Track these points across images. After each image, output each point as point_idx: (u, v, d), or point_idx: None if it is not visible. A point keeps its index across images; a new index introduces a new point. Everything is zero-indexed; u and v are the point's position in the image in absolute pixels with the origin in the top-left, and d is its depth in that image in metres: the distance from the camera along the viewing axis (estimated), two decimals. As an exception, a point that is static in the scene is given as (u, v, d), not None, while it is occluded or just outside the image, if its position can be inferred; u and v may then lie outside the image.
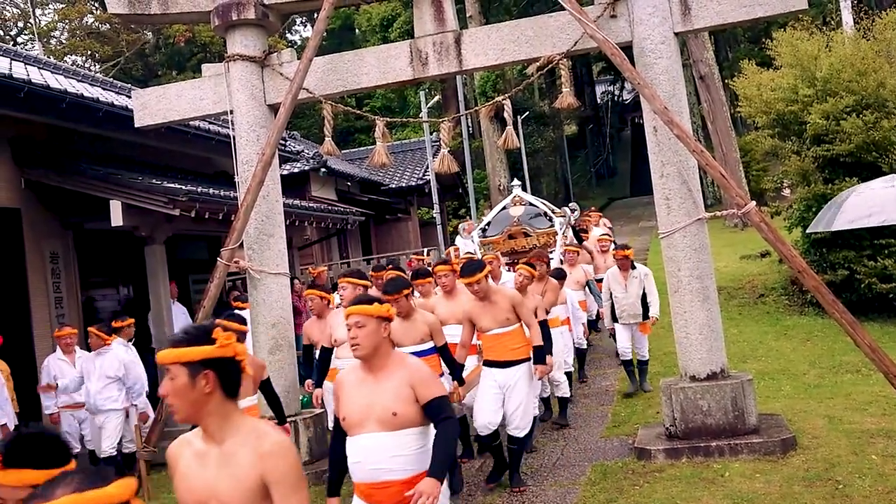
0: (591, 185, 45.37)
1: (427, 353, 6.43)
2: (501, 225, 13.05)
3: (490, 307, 6.72)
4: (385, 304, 3.85)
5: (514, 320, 6.70)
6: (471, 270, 6.64)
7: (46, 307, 10.35)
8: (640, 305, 10.03)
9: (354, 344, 3.68)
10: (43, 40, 31.65)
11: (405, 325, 6.47)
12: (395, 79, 8.44)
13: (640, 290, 10.03)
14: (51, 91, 9.88)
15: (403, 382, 3.65)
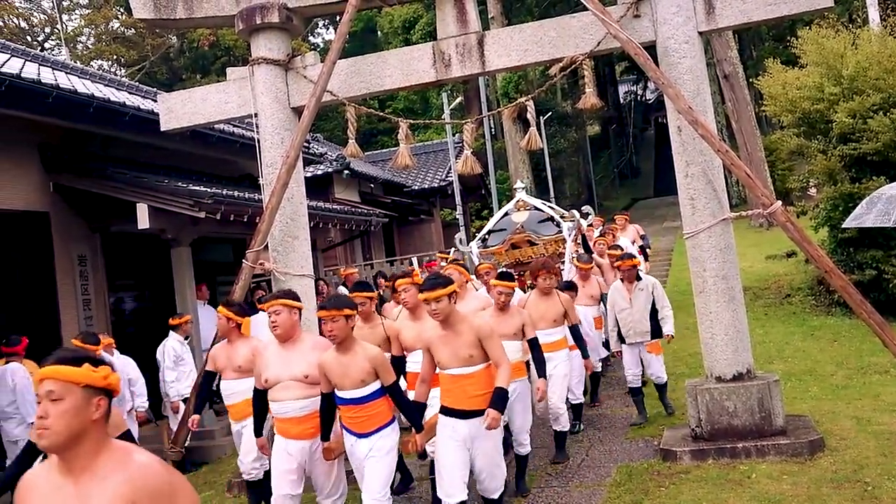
0: (615, 186, 45.18)
1: (372, 397, 5.32)
2: (503, 233, 11.50)
3: (451, 338, 5.36)
4: (101, 367, 2.53)
5: (478, 359, 5.30)
6: (430, 285, 5.30)
7: (75, 309, 10.47)
8: (647, 322, 8.82)
9: (40, 428, 2.38)
10: (70, 45, 32.03)
11: (343, 363, 5.29)
12: (417, 80, 8.45)
13: (648, 305, 8.84)
14: (78, 96, 9.99)
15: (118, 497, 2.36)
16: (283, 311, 5.57)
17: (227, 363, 6.77)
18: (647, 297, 8.87)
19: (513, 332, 6.54)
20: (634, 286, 8.93)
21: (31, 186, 10.05)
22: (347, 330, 5.29)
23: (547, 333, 7.46)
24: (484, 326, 5.38)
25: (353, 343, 5.33)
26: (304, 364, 5.51)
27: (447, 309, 5.30)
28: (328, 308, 5.28)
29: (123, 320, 11.50)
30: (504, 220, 11.76)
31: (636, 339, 8.88)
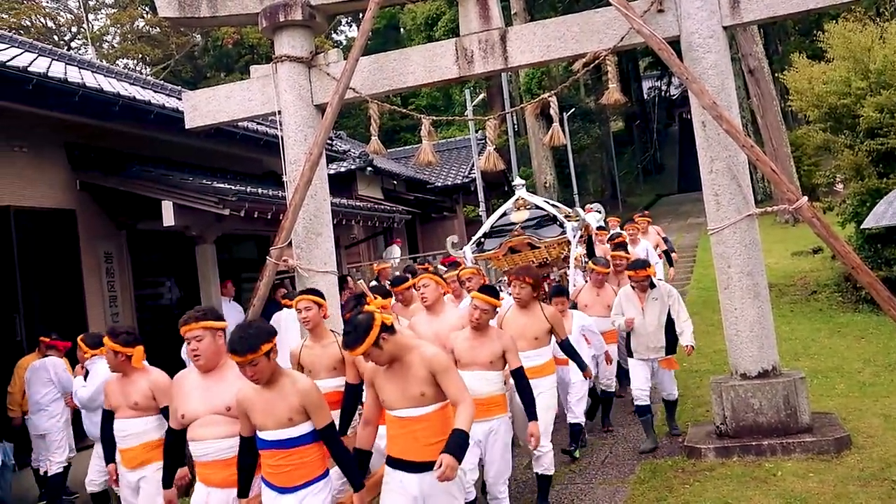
0: (638, 182, 44.94)
1: (300, 441, 4.29)
2: (502, 235, 10.25)
3: (398, 372, 4.35)
4: None
5: (431, 397, 4.29)
6: (352, 341, 4.24)
7: (101, 306, 10.57)
8: (662, 336, 7.74)
9: None
10: (95, 44, 32.35)
11: (267, 398, 4.29)
12: (440, 77, 8.46)
13: (663, 317, 7.76)
14: (104, 94, 10.08)
15: None
16: (206, 336, 4.67)
17: (121, 400, 5.61)
18: (661, 307, 7.75)
19: (489, 359, 5.58)
20: (647, 295, 7.82)
21: (58, 184, 10.16)
22: (269, 366, 4.24)
23: (527, 356, 6.19)
24: (438, 358, 4.30)
25: (278, 375, 4.31)
26: (229, 394, 4.57)
27: (381, 357, 4.24)
28: (238, 353, 4.16)
29: (149, 317, 11.59)
30: (502, 221, 10.50)
31: (648, 354, 7.81)
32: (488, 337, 5.67)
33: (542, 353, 6.47)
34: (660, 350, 7.76)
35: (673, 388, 8.19)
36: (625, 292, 8.03)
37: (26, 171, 9.70)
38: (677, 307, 7.82)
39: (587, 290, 9.02)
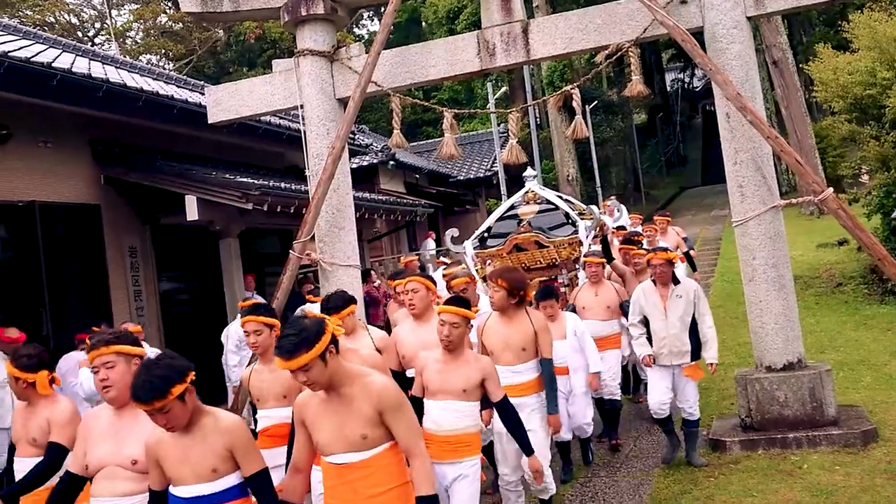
0: (662, 174, 44.67)
1: (225, 497, 3.48)
2: (507, 231, 9.21)
3: (336, 408, 3.52)
4: None
5: (375, 439, 3.50)
6: (287, 350, 3.41)
7: (126, 300, 10.68)
8: (687, 339, 6.76)
9: None
10: (119, 40, 32.58)
11: (185, 445, 3.44)
12: (462, 70, 8.44)
13: (688, 317, 6.80)
14: (128, 89, 10.16)
15: None
16: (119, 363, 3.83)
17: (21, 433, 4.71)
18: (685, 306, 6.82)
19: (463, 386, 4.67)
20: (671, 291, 6.85)
21: (82, 180, 10.27)
22: (182, 412, 3.37)
23: (515, 371, 5.43)
24: (388, 392, 3.50)
25: (200, 414, 3.47)
26: (137, 443, 3.68)
27: (322, 376, 3.42)
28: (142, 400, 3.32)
29: (173, 311, 11.69)
30: (509, 216, 9.50)
31: (671, 360, 6.82)
32: (463, 360, 4.74)
33: (532, 366, 5.49)
34: (684, 355, 6.76)
35: (695, 403, 6.88)
36: (644, 289, 7.03)
37: (52, 167, 9.81)
38: (703, 308, 6.88)
39: (585, 289, 8.08)
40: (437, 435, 4.62)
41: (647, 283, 7.08)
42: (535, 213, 9.24)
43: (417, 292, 5.77)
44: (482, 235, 9.41)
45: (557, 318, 6.94)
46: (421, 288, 5.78)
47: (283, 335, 3.42)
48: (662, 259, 6.90)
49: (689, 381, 6.85)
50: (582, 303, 7.99)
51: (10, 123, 9.20)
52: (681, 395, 6.88)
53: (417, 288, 5.79)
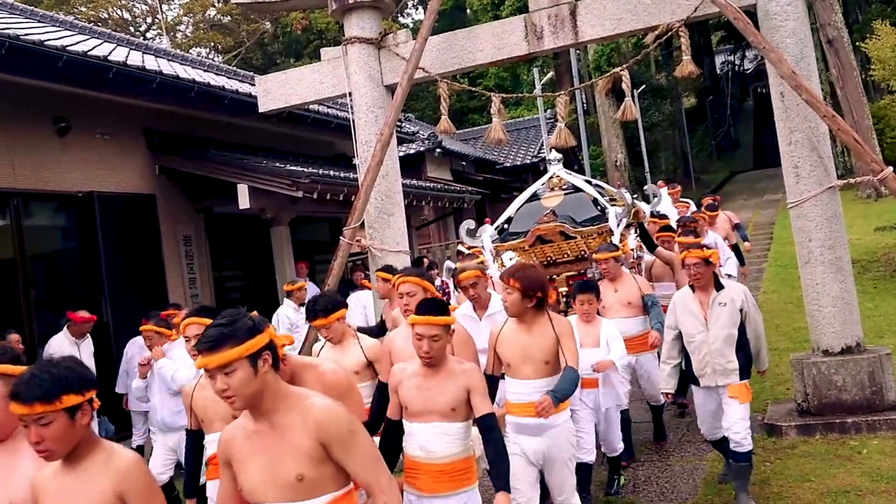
0: (712, 159, 44.05)
1: None
2: (529, 221, 8.02)
3: (268, 439, 2.77)
4: None
5: (319, 484, 2.73)
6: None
7: (181, 287, 10.88)
8: (732, 354, 5.59)
9: None
10: (170, 34, 33.11)
11: (67, 488, 2.66)
12: (509, 54, 8.40)
13: (734, 328, 5.61)
14: (180, 81, 10.34)
15: None
16: None
17: None
18: (731, 315, 5.63)
19: (451, 405, 3.95)
20: (712, 298, 5.68)
21: (138, 170, 10.48)
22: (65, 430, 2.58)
23: (536, 387, 4.58)
24: (332, 418, 2.73)
25: (91, 447, 2.69)
26: (13, 485, 2.91)
27: (247, 388, 2.67)
28: None
29: (226, 298, 11.88)
30: (531, 204, 8.34)
31: (714, 380, 5.64)
32: (447, 372, 3.99)
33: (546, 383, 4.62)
34: (730, 374, 5.59)
35: (745, 430, 5.54)
36: (682, 297, 5.91)
37: (109, 158, 10.03)
38: (753, 315, 5.78)
39: (601, 287, 6.79)
40: (427, 463, 3.97)
41: (686, 291, 5.90)
42: (560, 200, 8.02)
43: (414, 296, 4.83)
44: (502, 227, 8.31)
45: (593, 320, 6.14)
46: (417, 290, 4.88)
47: (210, 325, 2.74)
48: (698, 258, 5.66)
49: (735, 401, 5.57)
50: (601, 302, 6.72)
51: (69, 116, 9.42)
52: (727, 420, 5.62)
53: (413, 290, 4.89)
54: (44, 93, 9.00)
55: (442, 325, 3.93)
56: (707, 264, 5.69)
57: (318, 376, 3.70)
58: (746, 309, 5.69)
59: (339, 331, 4.93)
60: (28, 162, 9.01)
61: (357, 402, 3.87)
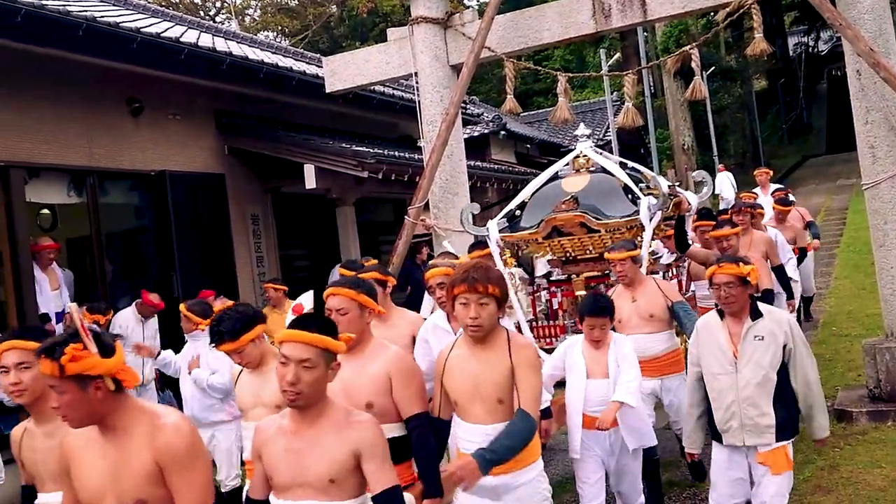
0: (783, 143, 42.98)
1: None
2: (545, 208, 6.61)
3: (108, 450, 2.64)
4: None
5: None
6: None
7: (249, 266, 11.11)
8: (769, 406, 4.27)
9: None
10: (238, 17, 33.63)
11: None
12: (576, 33, 8.32)
13: (773, 370, 4.29)
14: (249, 62, 10.52)
15: None
16: None
17: None
18: (771, 352, 4.29)
19: (327, 475, 2.83)
20: (746, 329, 4.33)
21: (208, 150, 10.71)
22: None
23: (487, 433, 3.53)
24: (173, 444, 2.56)
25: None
26: None
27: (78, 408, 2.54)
28: None
29: (292, 277, 12.07)
30: (551, 186, 6.90)
31: (742, 438, 4.33)
32: (330, 425, 2.86)
33: None
34: (763, 432, 4.25)
35: None
36: (706, 324, 4.56)
37: (180, 138, 10.27)
38: (802, 355, 4.34)
39: (617, 295, 5.71)
40: None
41: (712, 317, 4.55)
42: (585, 184, 6.58)
43: (346, 313, 3.69)
44: (513, 213, 6.95)
45: (604, 345, 4.80)
46: (350, 307, 3.70)
47: None
48: (730, 276, 4.30)
49: (767, 471, 4.28)
50: (616, 315, 5.24)
51: (142, 97, 9.66)
52: (757, 498, 4.34)
53: (344, 307, 3.70)
54: (118, 74, 9.25)
55: (318, 348, 2.78)
56: (743, 284, 4.29)
57: None
58: (791, 346, 4.30)
59: (256, 354, 4.00)
60: (103, 141, 9.28)
61: None
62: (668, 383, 5.73)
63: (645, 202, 6.19)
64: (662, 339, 5.75)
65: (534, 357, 3.59)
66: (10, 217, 8.14)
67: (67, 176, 9.10)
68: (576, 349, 4.87)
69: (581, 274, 6.52)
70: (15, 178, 8.22)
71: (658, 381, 5.69)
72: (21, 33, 7.66)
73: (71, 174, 9.10)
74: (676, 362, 5.76)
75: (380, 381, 3.57)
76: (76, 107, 8.95)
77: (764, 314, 4.38)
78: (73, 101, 8.91)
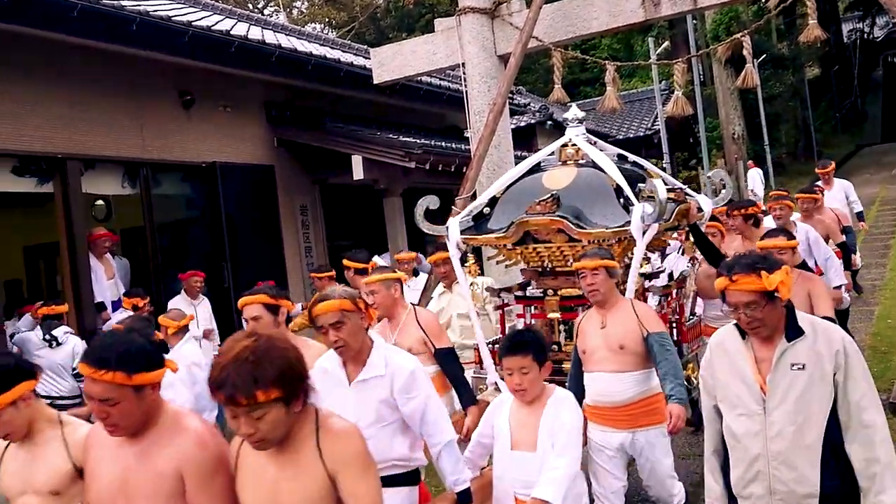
0: (837, 132, 42.08)
1: None
2: (519, 207, 5.28)
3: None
4: None
5: None
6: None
7: (298, 256, 11.23)
8: (811, 466, 2.97)
9: None
10: (286, 10, 33.91)
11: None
12: (625, 22, 8.26)
13: (820, 413, 2.96)
14: (298, 54, 10.62)
15: None
16: None
17: None
18: (816, 388, 3.00)
19: None
20: (779, 353, 3.06)
21: (258, 141, 10.85)
22: None
23: None
24: None
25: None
26: None
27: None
28: None
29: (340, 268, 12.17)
30: (529, 181, 5.53)
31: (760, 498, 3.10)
32: None
33: None
34: (803, 502, 3.01)
35: None
36: (720, 342, 3.29)
37: (231, 130, 10.42)
38: (860, 390, 2.99)
39: (586, 319, 4.61)
40: None
41: (727, 332, 3.26)
42: (570, 180, 5.28)
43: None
44: (481, 210, 5.64)
45: (538, 403, 3.63)
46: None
47: None
48: (751, 292, 3.00)
49: None
50: (581, 344, 4.52)
51: (193, 90, 9.82)
52: None
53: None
54: (170, 67, 9.41)
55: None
56: (770, 300, 2.98)
57: None
58: (842, 377, 2.96)
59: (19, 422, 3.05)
60: (156, 133, 9.45)
61: None
62: (641, 439, 4.38)
63: (637, 210, 4.80)
64: (635, 381, 4.37)
65: (359, 450, 2.52)
66: (67, 208, 8.36)
67: (121, 167, 9.29)
68: (504, 408, 3.74)
69: (559, 290, 5.32)
70: (72, 170, 8.43)
71: (628, 435, 4.37)
72: (77, 28, 7.84)
73: (125, 166, 9.29)
74: (653, 412, 4.38)
75: None
76: (129, 100, 9.13)
77: (807, 331, 3.04)
78: (127, 94, 9.10)
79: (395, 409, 3.56)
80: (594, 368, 4.43)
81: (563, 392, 3.73)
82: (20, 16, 7.37)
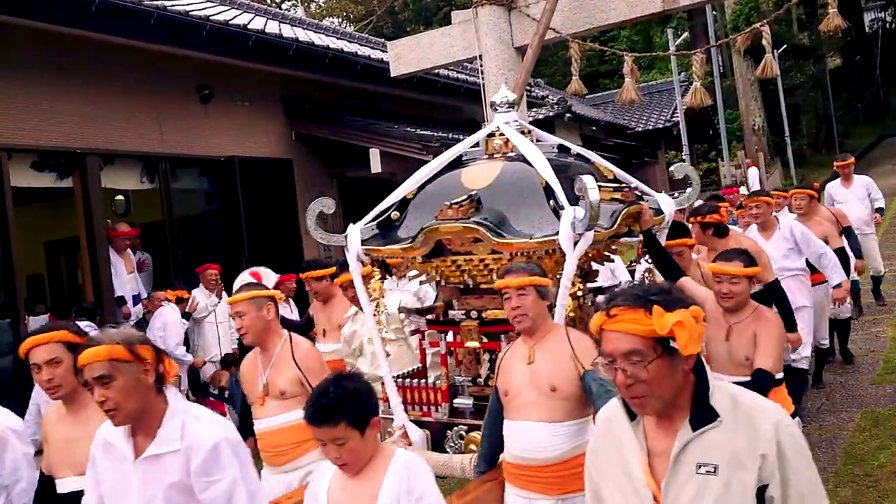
0: (858, 123, 41.69)
1: None
2: (432, 212, 4.23)
3: None
4: None
5: None
6: None
7: (316, 251, 11.23)
8: None
9: None
10: (304, 4, 33.97)
11: None
12: (643, 12, 8.17)
13: None
14: (315, 48, 10.65)
15: None
16: None
17: None
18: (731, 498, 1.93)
19: None
20: (679, 445, 2.01)
21: (276, 135, 10.89)
22: None
23: None
24: None
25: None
26: None
27: None
28: None
29: (359, 261, 12.20)
30: (448, 178, 4.58)
31: None
32: None
33: None
34: None
35: None
36: (607, 420, 2.25)
37: (248, 124, 10.46)
38: (804, 493, 1.93)
39: (509, 355, 3.74)
40: None
41: (613, 408, 2.25)
42: (494, 178, 4.35)
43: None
44: (389, 215, 4.68)
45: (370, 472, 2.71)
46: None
47: None
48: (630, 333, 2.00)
49: None
50: (503, 384, 3.65)
51: (211, 84, 9.86)
52: None
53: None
54: (188, 61, 9.44)
55: None
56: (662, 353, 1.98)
57: None
58: (779, 491, 1.93)
59: None
60: (174, 128, 9.50)
61: None
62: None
63: (567, 216, 3.85)
64: (569, 433, 3.46)
65: None
66: (87, 203, 8.42)
67: (140, 162, 9.35)
68: (326, 476, 2.84)
69: (485, 312, 4.36)
70: (91, 165, 8.49)
71: (557, 503, 3.47)
72: (95, 23, 7.88)
73: (144, 160, 9.34)
74: None
75: None
76: (148, 94, 9.18)
77: (723, 413, 2.01)
78: (145, 88, 9.15)
79: (191, 495, 2.70)
80: (518, 416, 3.52)
81: (406, 455, 2.79)
82: (38, 12, 7.43)
